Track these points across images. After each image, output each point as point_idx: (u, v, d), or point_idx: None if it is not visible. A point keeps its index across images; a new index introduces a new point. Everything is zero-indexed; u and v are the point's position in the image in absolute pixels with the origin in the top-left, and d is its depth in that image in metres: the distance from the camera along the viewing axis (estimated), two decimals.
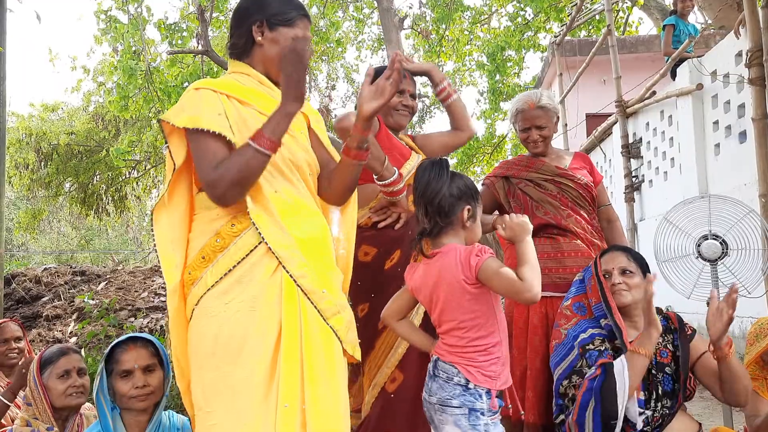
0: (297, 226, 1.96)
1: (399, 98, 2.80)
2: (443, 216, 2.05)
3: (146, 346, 2.31)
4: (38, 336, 6.96)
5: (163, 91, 10.03)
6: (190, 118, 1.91)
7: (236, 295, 1.85)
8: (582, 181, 3.16)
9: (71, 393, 2.58)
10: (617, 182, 8.18)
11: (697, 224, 3.34)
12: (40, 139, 15.13)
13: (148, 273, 9.45)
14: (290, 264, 1.87)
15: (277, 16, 2.10)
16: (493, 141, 13.33)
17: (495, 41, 11.93)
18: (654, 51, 10.31)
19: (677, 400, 2.46)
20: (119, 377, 2.24)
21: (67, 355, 2.65)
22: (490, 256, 1.96)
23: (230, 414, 1.79)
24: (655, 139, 7.19)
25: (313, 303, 1.87)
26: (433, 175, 2.07)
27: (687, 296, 3.43)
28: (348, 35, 14.72)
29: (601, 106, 9.82)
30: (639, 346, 2.34)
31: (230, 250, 1.90)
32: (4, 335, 3.30)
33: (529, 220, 3.05)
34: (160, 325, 7.14)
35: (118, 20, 10.23)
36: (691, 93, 6.09)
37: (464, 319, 1.99)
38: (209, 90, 1.98)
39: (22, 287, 8.62)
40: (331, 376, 1.86)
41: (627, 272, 2.55)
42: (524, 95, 3.26)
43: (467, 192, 2.08)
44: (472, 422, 1.93)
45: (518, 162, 3.29)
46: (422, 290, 2.10)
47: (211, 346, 1.84)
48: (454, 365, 1.99)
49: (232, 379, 1.80)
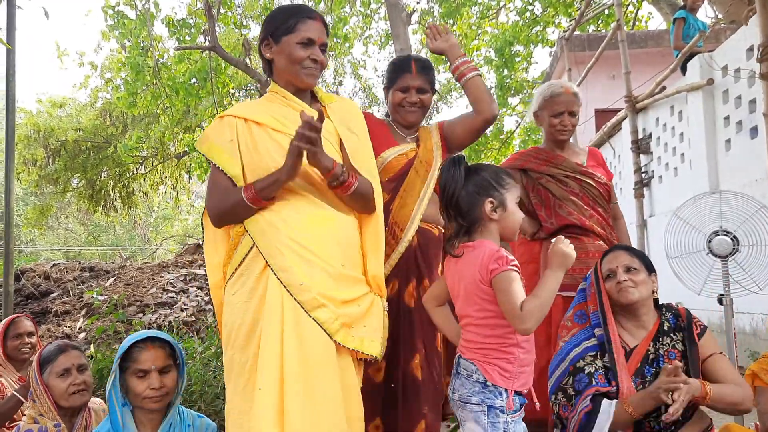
0: (295, 225, 2.07)
1: (402, 95, 2.74)
2: (464, 216, 2.03)
3: (163, 347, 2.30)
4: (47, 332, 6.99)
5: (171, 87, 10.06)
6: (208, 148, 2.19)
7: (239, 287, 2.08)
8: (602, 180, 3.14)
9: (73, 391, 2.55)
10: (626, 178, 8.15)
11: (707, 220, 3.32)
12: (48, 135, 15.17)
13: (156, 269, 9.48)
14: (272, 260, 2.02)
15: (279, 29, 2.23)
16: (501, 137, 13.28)
17: (503, 36, 11.88)
18: (664, 46, 10.23)
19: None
20: (135, 376, 2.23)
21: (66, 352, 2.61)
22: (510, 270, 1.91)
23: (235, 396, 1.99)
24: (665, 134, 7.15)
25: (292, 295, 1.99)
26: (448, 176, 2.05)
27: (697, 292, 3.41)
28: (355, 30, 14.69)
29: (610, 101, 9.78)
30: (631, 403, 2.27)
31: (238, 248, 2.13)
32: (17, 330, 3.32)
33: (554, 222, 3.06)
34: (168, 321, 7.15)
35: (126, 16, 10.26)
36: (701, 88, 6.05)
37: (478, 316, 1.99)
38: (229, 117, 2.22)
39: (32, 283, 8.67)
40: (317, 367, 1.95)
41: (632, 269, 2.50)
42: (557, 81, 3.23)
43: (485, 184, 2.03)
44: (491, 419, 1.93)
45: (536, 155, 3.22)
46: (450, 281, 2.11)
47: (225, 333, 2.08)
48: (473, 362, 1.99)
49: (236, 363, 2.02)
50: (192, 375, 4.15)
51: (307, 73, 2.23)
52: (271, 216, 2.07)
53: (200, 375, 4.25)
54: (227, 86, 10.99)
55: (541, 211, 3.12)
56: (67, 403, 2.55)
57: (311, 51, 2.21)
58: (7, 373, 3.25)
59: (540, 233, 3.13)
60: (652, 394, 2.23)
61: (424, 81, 2.76)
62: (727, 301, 3.35)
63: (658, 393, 2.20)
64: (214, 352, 4.65)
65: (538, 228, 3.13)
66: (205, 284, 8.56)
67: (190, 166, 15.41)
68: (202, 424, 2.39)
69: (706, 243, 3.28)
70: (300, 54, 2.20)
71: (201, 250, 10.74)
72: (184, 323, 7.18)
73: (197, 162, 11.80)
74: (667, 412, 2.17)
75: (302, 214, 2.09)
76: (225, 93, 10.85)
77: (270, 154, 2.11)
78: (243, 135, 2.16)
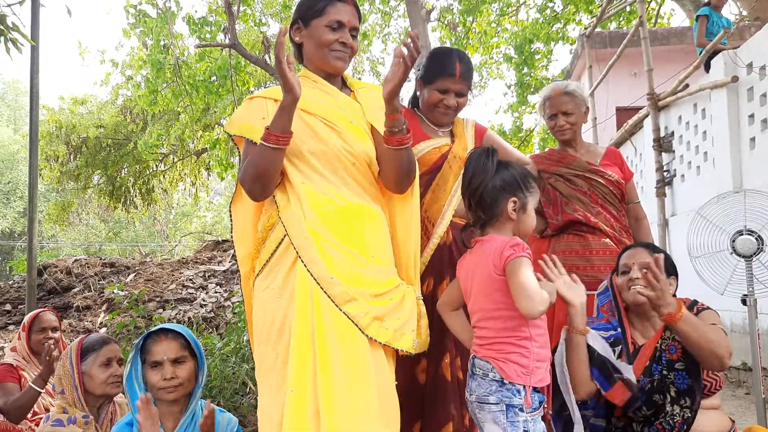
0: (325, 216, 2.04)
1: (441, 96, 2.61)
2: (485, 208, 2.03)
3: (177, 338, 2.32)
4: (69, 326, 7.09)
5: (191, 84, 10.12)
6: (239, 127, 2.15)
7: (269, 282, 2.04)
8: (613, 178, 3.12)
9: (111, 382, 2.63)
10: (648, 177, 8.06)
11: (731, 219, 3.29)
12: (70, 132, 15.35)
13: (175, 265, 9.56)
14: (303, 251, 1.99)
15: (308, 12, 2.19)
16: (520, 135, 13.21)
17: (523, 33, 11.81)
18: (687, 43, 10.10)
19: (697, 396, 2.30)
20: (150, 367, 2.27)
21: (109, 344, 2.70)
22: (525, 256, 1.91)
23: (267, 392, 1.96)
24: (687, 132, 7.06)
25: (323, 289, 1.95)
26: (477, 166, 2.04)
27: (720, 293, 3.37)
28: (374, 28, 14.67)
29: (631, 99, 9.68)
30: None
31: (267, 243, 2.10)
32: (42, 324, 3.36)
33: (559, 218, 3.05)
34: (188, 317, 7.21)
35: (147, 14, 10.34)
36: (725, 85, 5.97)
37: (489, 308, 1.98)
38: (259, 98, 2.20)
39: (54, 278, 8.78)
40: (350, 364, 1.89)
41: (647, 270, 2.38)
42: (551, 84, 3.25)
43: (513, 183, 2.03)
44: (510, 419, 1.90)
45: (548, 156, 3.26)
46: (463, 278, 2.10)
47: (256, 329, 2.07)
48: (489, 361, 1.97)
49: (267, 360, 1.99)
50: (211, 371, 4.17)
51: (335, 56, 2.18)
52: (302, 205, 2.04)
53: (219, 371, 4.28)
54: (247, 84, 11.03)
55: (549, 208, 3.14)
56: (103, 391, 2.62)
57: (340, 34, 2.16)
58: (31, 367, 3.29)
59: (547, 231, 3.14)
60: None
61: (465, 85, 2.65)
62: (751, 302, 3.31)
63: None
64: (233, 348, 4.66)
65: (546, 226, 3.14)
66: (223, 281, 8.62)
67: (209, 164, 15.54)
68: (224, 418, 2.39)
69: (730, 242, 3.25)
70: (328, 37, 2.15)
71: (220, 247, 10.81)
72: (204, 319, 7.24)
73: (217, 159, 11.87)
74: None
75: (333, 205, 2.06)
76: (245, 91, 10.89)
77: (298, 134, 2.06)
78: (273, 115, 2.08)
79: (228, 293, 8.07)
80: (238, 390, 4.14)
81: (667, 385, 2.31)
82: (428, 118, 2.72)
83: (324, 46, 2.17)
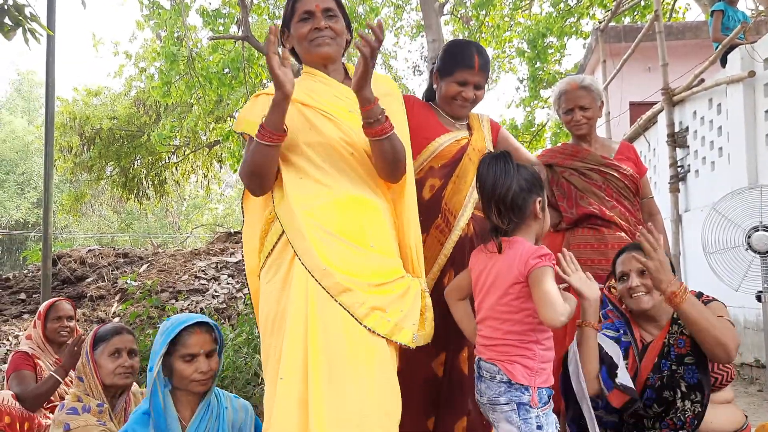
0: (321, 208, 2.05)
1: (459, 89, 2.60)
2: (518, 212, 2.03)
3: (210, 332, 2.33)
4: (83, 316, 7.14)
5: (204, 77, 10.16)
6: (244, 126, 2.16)
7: (271, 276, 2.07)
8: (628, 172, 3.11)
9: (120, 372, 2.62)
10: (662, 172, 8.02)
11: (747, 215, 3.27)
12: (84, 123, 15.44)
13: (188, 256, 9.61)
14: (296, 244, 2.01)
15: (286, 17, 2.27)
16: (532, 129, 13.17)
17: (536, 27, 11.76)
18: (702, 38, 10.01)
19: (706, 390, 2.29)
20: (182, 360, 2.24)
21: (121, 334, 2.70)
22: (550, 266, 1.93)
23: (269, 384, 1.98)
24: (702, 128, 7.01)
25: (317, 280, 1.96)
26: (499, 171, 2.03)
27: (735, 289, 3.36)
28: (387, 21, 14.65)
29: (645, 94, 9.61)
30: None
31: (268, 235, 2.13)
32: (58, 313, 3.39)
33: (574, 212, 3.05)
34: (200, 308, 7.25)
35: (161, 6, 10.38)
36: (742, 80, 5.92)
37: (500, 310, 1.99)
38: (263, 95, 2.20)
39: (68, 268, 8.85)
40: (342, 354, 1.89)
41: (645, 273, 2.35)
42: (566, 78, 3.24)
43: (535, 182, 2.05)
44: (522, 417, 1.93)
45: (562, 150, 3.25)
46: (476, 273, 2.10)
47: (262, 321, 2.09)
48: (494, 363, 1.99)
49: (270, 350, 2.01)
50: (224, 361, 4.21)
51: (315, 44, 2.19)
52: (296, 198, 2.05)
53: (231, 361, 4.30)
54: (260, 76, 11.05)
55: (563, 202, 3.14)
56: (111, 381, 2.62)
57: (312, 23, 2.18)
58: (46, 355, 3.32)
59: (561, 224, 3.14)
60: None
61: (483, 77, 2.65)
62: (766, 298, 3.29)
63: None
64: (245, 339, 4.70)
65: (560, 220, 3.14)
66: (235, 272, 8.66)
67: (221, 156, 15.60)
68: (239, 404, 2.42)
69: (745, 238, 3.23)
70: (302, 30, 2.19)
71: (232, 238, 10.85)
72: (216, 310, 7.28)
73: (229, 152, 11.91)
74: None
75: (329, 197, 2.07)
76: (258, 83, 10.92)
77: (295, 127, 2.07)
78: None
79: (240, 284, 8.11)
80: (250, 380, 4.16)
81: (677, 380, 2.30)
82: (445, 111, 2.71)
83: (303, 40, 2.21)
